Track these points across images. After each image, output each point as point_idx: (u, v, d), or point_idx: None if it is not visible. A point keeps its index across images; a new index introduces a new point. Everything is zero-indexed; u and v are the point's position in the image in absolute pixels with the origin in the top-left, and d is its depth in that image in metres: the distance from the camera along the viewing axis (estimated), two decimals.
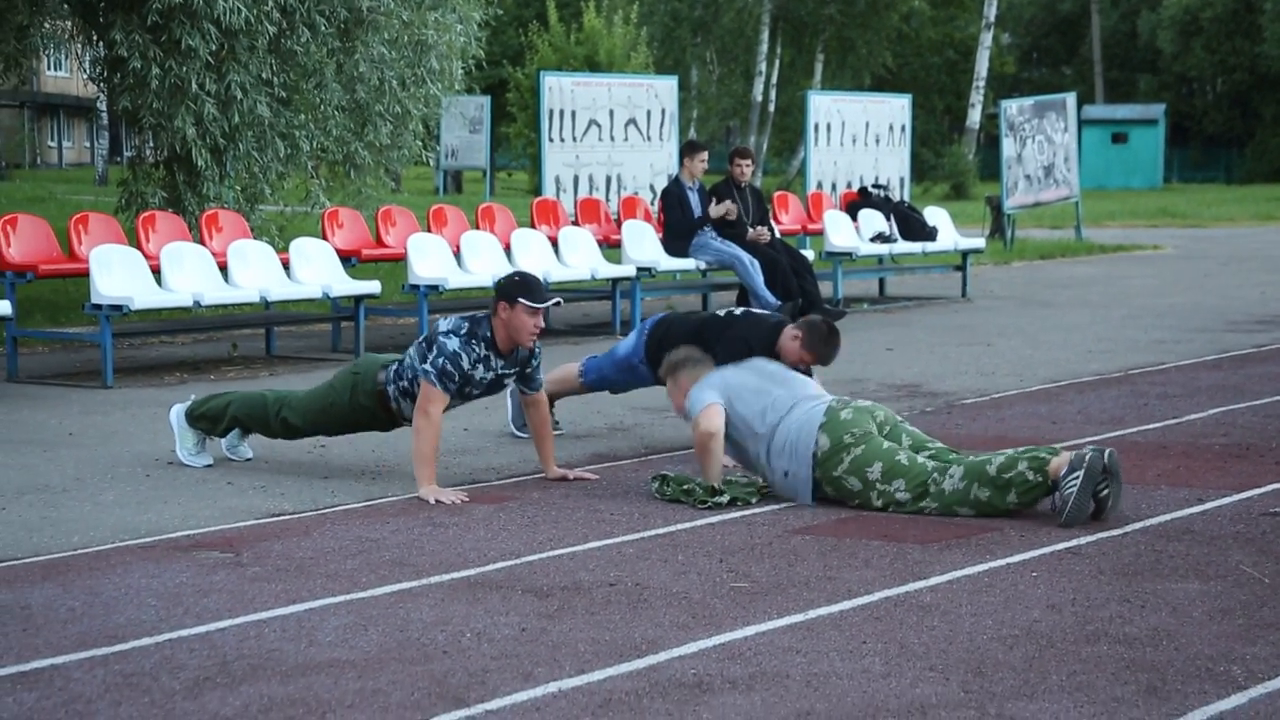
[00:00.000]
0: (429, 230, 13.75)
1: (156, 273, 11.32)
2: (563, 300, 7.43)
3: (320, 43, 15.11)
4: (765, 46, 43.09)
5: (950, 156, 44.90)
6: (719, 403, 7.05)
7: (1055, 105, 24.59)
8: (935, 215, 17.76)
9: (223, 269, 11.72)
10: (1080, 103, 34.59)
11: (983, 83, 39.71)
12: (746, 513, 6.82)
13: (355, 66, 15.42)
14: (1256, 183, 55.73)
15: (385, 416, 7.45)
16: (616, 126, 16.83)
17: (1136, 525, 6.55)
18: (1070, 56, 69.33)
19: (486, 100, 33.97)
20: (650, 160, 17.11)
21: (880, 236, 16.76)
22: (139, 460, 8.00)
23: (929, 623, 5.16)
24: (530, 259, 13.56)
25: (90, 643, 4.93)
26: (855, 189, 18.54)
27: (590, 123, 16.59)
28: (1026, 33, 69.06)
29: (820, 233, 16.71)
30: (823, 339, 7.70)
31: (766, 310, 13.79)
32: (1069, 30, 69.24)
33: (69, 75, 55.81)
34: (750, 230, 14.45)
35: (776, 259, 14.28)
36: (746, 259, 14.18)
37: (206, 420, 7.77)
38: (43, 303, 14.28)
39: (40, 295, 14.50)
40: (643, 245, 14.51)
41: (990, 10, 39.66)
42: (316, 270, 12.20)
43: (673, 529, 6.53)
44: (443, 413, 7.16)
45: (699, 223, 14.36)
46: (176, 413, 7.86)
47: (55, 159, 60.45)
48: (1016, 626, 5.13)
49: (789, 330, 7.83)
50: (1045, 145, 24.15)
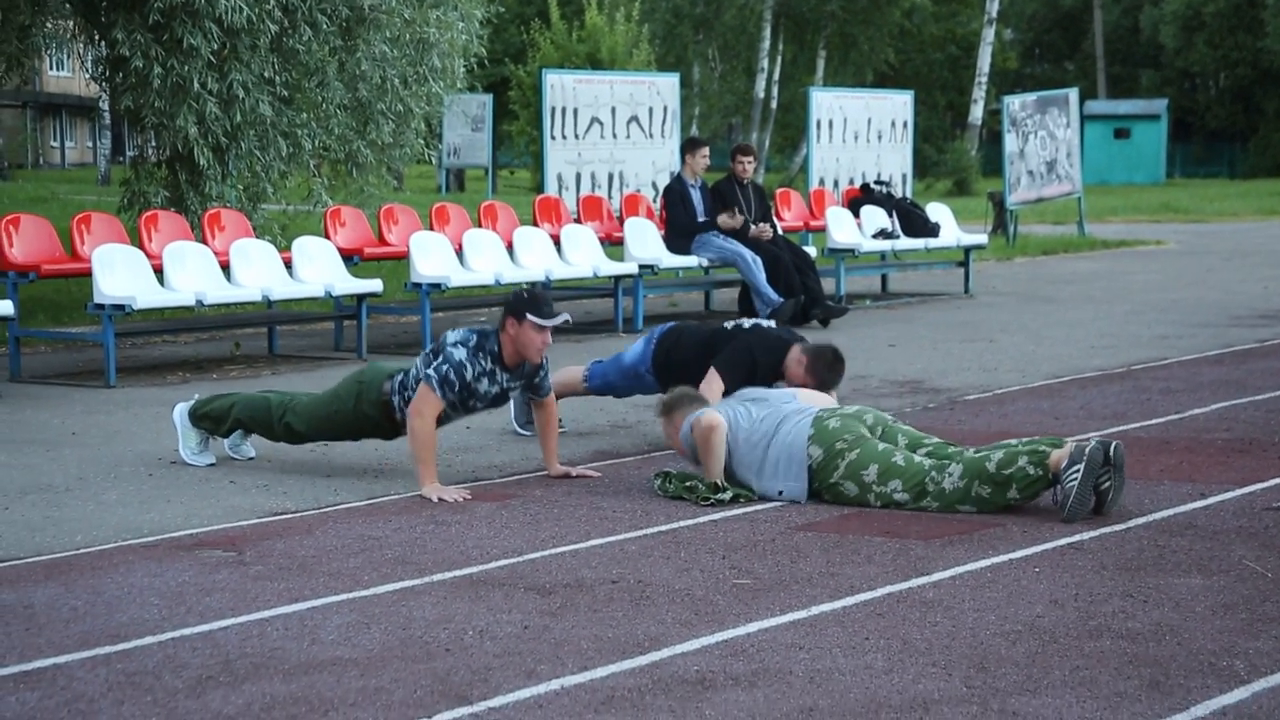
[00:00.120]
0: (431, 229, 13.75)
1: (159, 272, 11.32)
2: (571, 318, 7.38)
3: (322, 41, 15.11)
4: (767, 43, 43.12)
5: (953, 152, 44.87)
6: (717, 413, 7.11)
7: (1058, 101, 24.56)
8: (938, 211, 17.74)
9: (225, 268, 11.72)
10: (1083, 98, 34.59)
11: (985, 78, 39.67)
12: (749, 509, 6.82)
13: (357, 65, 15.42)
14: (1259, 178, 55.65)
15: (389, 426, 7.45)
16: (619, 124, 16.83)
17: (1139, 520, 6.55)
18: (1073, 52, 69.27)
19: (489, 98, 34.03)
20: (652, 157, 17.11)
21: (883, 233, 16.74)
22: (142, 459, 8.01)
23: (932, 618, 5.16)
24: (532, 257, 13.57)
25: (93, 642, 4.94)
26: (858, 185, 18.52)
27: (592, 120, 16.58)
28: (1029, 28, 68.99)
29: (823, 229, 16.71)
30: (827, 365, 7.79)
31: (770, 304, 13.91)
32: (1071, 26, 69.18)
33: (71, 75, 55.85)
34: (752, 227, 14.46)
35: (779, 256, 14.28)
36: (749, 256, 14.18)
37: (210, 420, 7.77)
38: (45, 302, 14.28)
39: (43, 295, 14.52)
40: (645, 243, 14.50)
41: (992, 6, 39.60)
42: (319, 269, 12.20)
43: (675, 526, 6.53)
44: (441, 423, 7.17)
45: (705, 227, 14.36)
46: (180, 411, 7.87)
47: (58, 159, 60.47)
48: (1019, 622, 5.13)
49: (795, 353, 7.88)
50: (1048, 141, 24.12)
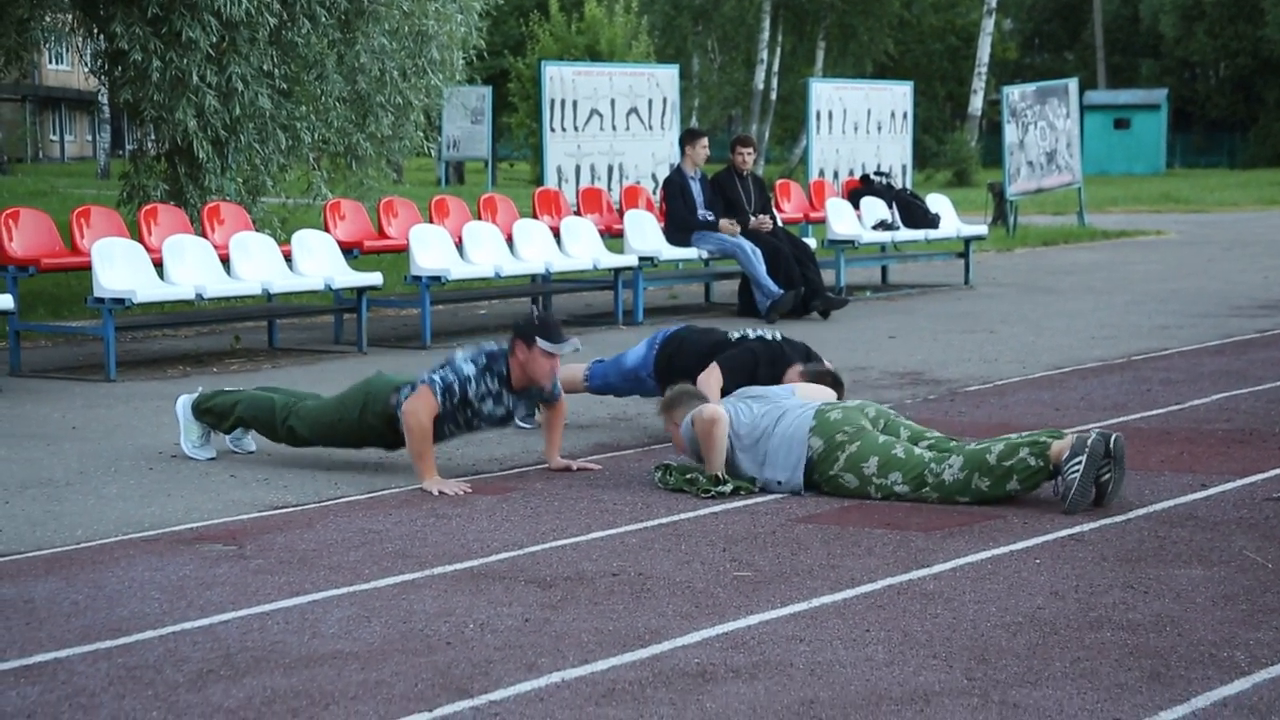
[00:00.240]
0: (431, 221, 13.74)
1: (158, 266, 11.32)
2: (580, 346, 7.32)
3: (321, 34, 15.11)
4: (766, 34, 43.08)
5: (952, 143, 44.88)
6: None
7: (1057, 91, 24.55)
8: (937, 202, 17.73)
9: (225, 261, 11.71)
10: (1082, 88, 34.56)
11: (984, 69, 39.64)
12: (749, 502, 6.82)
13: (356, 58, 15.42)
14: (1259, 167, 55.63)
15: (392, 437, 7.42)
16: (618, 116, 16.82)
17: (1140, 511, 6.55)
18: (1072, 42, 69.21)
19: (488, 90, 33.96)
20: (652, 149, 17.10)
21: (883, 224, 16.74)
22: (142, 453, 8.00)
23: (932, 610, 5.16)
24: (532, 249, 13.57)
25: (93, 636, 4.94)
26: (857, 176, 18.52)
27: (592, 112, 16.58)
28: (1028, 18, 68.94)
29: (823, 221, 16.69)
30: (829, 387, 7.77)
31: (770, 296, 13.91)
32: (1071, 16, 69.13)
33: (70, 69, 55.84)
34: (752, 219, 14.46)
35: (779, 247, 14.29)
36: (749, 248, 14.18)
37: (212, 415, 7.77)
38: (45, 296, 14.27)
39: (42, 289, 14.51)
40: (645, 235, 14.50)
41: None
42: (318, 262, 12.19)
43: (676, 518, 6.53)
44: (444, 439, 7.19)
45: (705, 226, 14.37)
46: (183, 404, 7.85)
47: (57, 153, 60.48)
48: (1020, 613, 5.12)
49: (794, 372, 7.86)
50: (1047, 131, 24.11)
